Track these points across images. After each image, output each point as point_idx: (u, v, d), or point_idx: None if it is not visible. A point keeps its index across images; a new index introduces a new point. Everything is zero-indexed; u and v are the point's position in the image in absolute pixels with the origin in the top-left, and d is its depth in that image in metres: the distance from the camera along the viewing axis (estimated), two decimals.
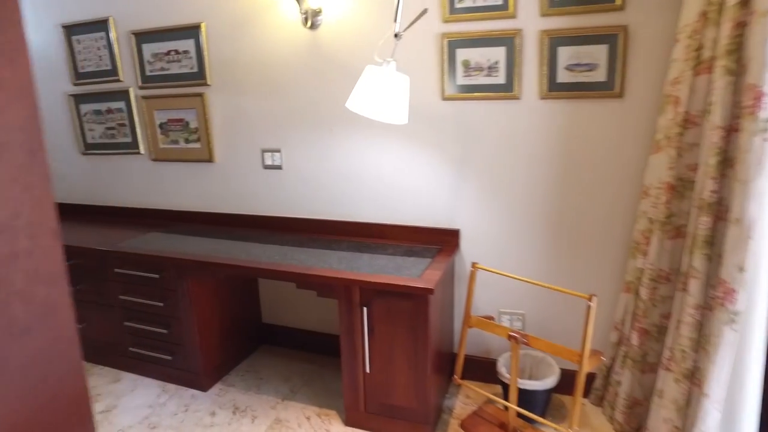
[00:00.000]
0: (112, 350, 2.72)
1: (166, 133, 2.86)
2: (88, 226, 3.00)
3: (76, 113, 3.10)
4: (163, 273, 2.40)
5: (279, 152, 2.62)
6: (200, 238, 2.63)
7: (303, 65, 2.44)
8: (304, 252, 2.31)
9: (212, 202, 2.88)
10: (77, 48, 2.97)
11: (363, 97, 1.79)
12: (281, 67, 2.49)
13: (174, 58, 2.70)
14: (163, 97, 2.80)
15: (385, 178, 2.42)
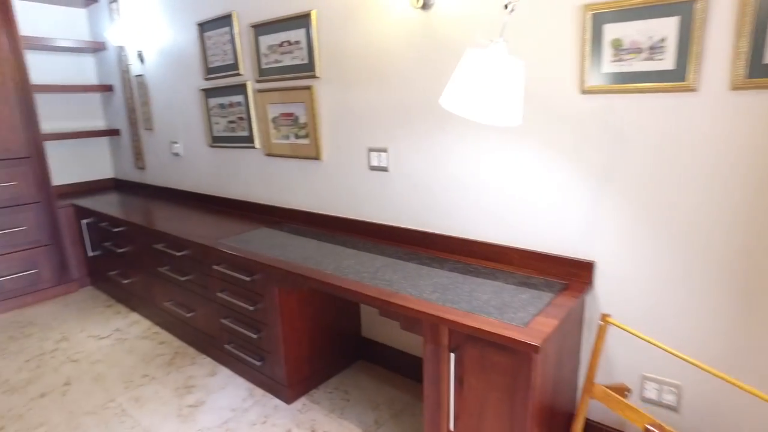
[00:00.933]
0: (212, 343, 2.72)
1: (278, 127, 2.76)
2: (208, 216, 3.06)
3: (206, 107, 3.18)
4: (254, 276, 2.28)
5: (385, 152, 2.32)
6: (303, 239, 2.47)
7: (413, 53, 2.10)
8: (399, 270, 1.98)
9: (318, 203, 2.70)
10: (208, 44, 3.02)
11: (460, 90, 1.38)
12: (389, 55, 2.18)
13: (286, 49, 2.56)
14: (276, 90, 2.69)
15: (505, 189, 1.97)
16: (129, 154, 4.14)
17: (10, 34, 3.30)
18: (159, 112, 3.64)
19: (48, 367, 2.76)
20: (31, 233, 3.53)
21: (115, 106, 4.12)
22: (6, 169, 3.37)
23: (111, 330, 3.17)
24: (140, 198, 3.83)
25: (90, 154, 4.29)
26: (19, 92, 3.38)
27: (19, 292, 3.53)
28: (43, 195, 3.56)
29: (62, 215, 3.69)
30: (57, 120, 4.05)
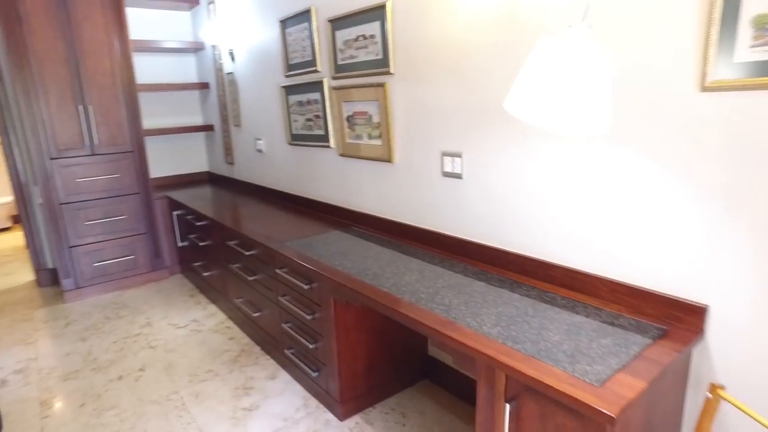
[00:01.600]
0: (275, 346, 2.67)
1: (353, 127, 2.63)
2: (286, 215, 3.03)
3: (286, 104, 3.15)
4: (312, 284, 2.17)
5: (459, 157, 2.08)
6: (369, 246, 2.33)
7: (492, 45, 1.83)
8: (462, 292, 1.74)
9: (387, 208, 2.53)
10: (289, 40, 2.98)
11: (528, 90, 1.11)
12: (466, 48, 1.93)
13: (361, 44, 2.41)
14: (351, 87, 2.55)
15: (596, 207, 1.64)
16: (220, 149, 4.29)
17: (122, 39, 3.54)
18: (246, 108, 3.71)
19: (129, 351, 2.90)
20: (131, 222, 3.78)
21: (211, 102, 4.29)
22: (112, 162, 3.63)
23: (189, 320, 3.28)
24: (228, 192, 3.94)
25: (188, 148, 4.52)
26: (126, 92, 3.62)
27: (119, 276, 3.80)
28: (142, 187, 3.80)
29: (158, 206, 3.91)
30: (160, 116, 4.31)
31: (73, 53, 3.38)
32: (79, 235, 3.58)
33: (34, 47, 3.25)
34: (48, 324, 3.32)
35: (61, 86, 3.37)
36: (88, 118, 3.49)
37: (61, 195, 3.47)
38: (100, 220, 3.64)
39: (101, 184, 3.61)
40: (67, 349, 2.95)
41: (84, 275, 3.65)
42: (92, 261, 3.66)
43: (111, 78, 3.54)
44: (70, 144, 3.46)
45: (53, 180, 3.43)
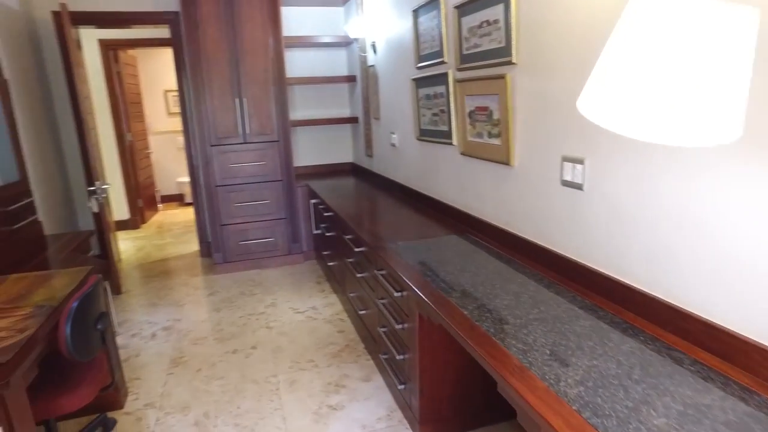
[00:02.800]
0: (375, 348, 2.59)
1: (474, 123, 2.38)
2: (408, 214, 2.93)
3: (416, 97, 3.02)
4: (403, 293, 2.01)
5: (581, 164, 1.71)
6: (479, 256, 2.09)
7: None
8: (557, 329, 1.42)
9: (504, 216, 2.24)
10: (420, 30, 2.83)
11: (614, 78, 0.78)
12: (596, 32, 1.56)
13: (485, 30, 2.15)
14: (473, 80, 2.31)
15: (758, 241, 1.18)
16: (363, 141, 4.36)
17: (276, 37, 3.79)
18: (384, 101, 3.68)
19: (249, 327, 3.11)
20: (273, 207, 4.07)
21: (356, 95, 4.38)
22: (260, 150, 3.94)
23: (308, 306, 3.39)
24: (364, 185, 3.99)
25: (335, 139, 4.71)
26: (277, 86, 3.88)
27: (259, 255, 4.14)
28: (285, 174, 4.05)
29: (299, 194, 4.14)
30: (311, 108, 4.55)
31: (234, 52, 3.73)
32: (229, 215, 3.97)
33: (205, 48, 3.67)
34: (197, 291, 3.75)
35: (222, 82, 3.75)
36: (243, 110, 3.83)
37: (217, 178, 3.89)
38: (247, 203, 3.99)
39: (250, 170, 3.95)
40: (203, 317, 3.29)
41: (231, 251, 4.05)
42: (238, 239, 4.04)
43: (264, 73, 3.83)
44: (226, 133, 3.84)
45: (212, 164, 3.86)
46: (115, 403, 2.32)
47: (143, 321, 3.26)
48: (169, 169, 7.32)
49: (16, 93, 3.39)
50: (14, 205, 2.44)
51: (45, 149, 3.78)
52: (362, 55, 3.97)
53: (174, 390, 2.47)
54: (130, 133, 5.74)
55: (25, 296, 1.86)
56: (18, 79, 3.45)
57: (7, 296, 1.87)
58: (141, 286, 3.92)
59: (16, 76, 3.44)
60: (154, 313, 3.38)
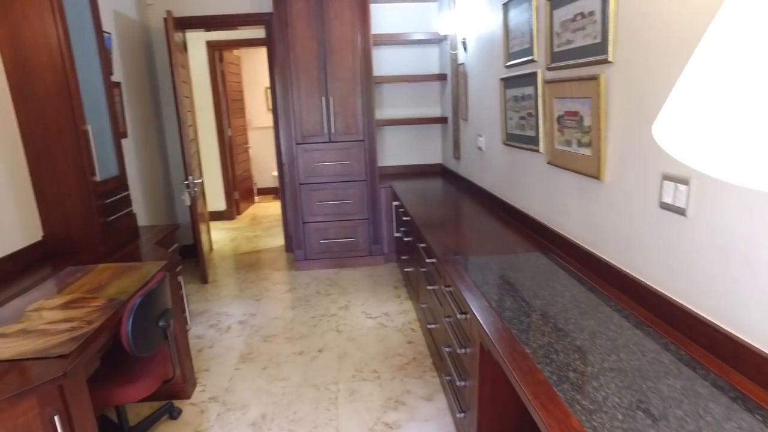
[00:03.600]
0: (441, 366, 2.44)
1: (563, 130, 2.13)
2: (488, 223, 2.73)
3: (503, 99, 2.79)
4: (466, 316, 1.84)
5: (686, 185, 1.41)
6: (559, 279, 1.86)
7: None
8: (635, 387, 1.18)
9: (591, 236, 1.97)
10: (510, 26, 2.60)
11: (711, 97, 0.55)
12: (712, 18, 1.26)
13: (579, 24, 1.89)
14: (563, 81, 2.05)
15: None
16: (450, 142, 4.18)
17: (364, 35, 3.74)
18: (472, 102, 3.47)
19: (319, 329, 3.10)
20: (355, 206, 4.04)
21: (446, 94, 4.20)
22: (345, 149, 3.93)
23: (381, 312, 3.31)
24: (450, 188, 3.82)
25: (424, 139, 4.57)
26: (363, 84, 3.83)
27: (340, 255, 4.14)
28: (369, 174, 4.00)
29: (382, 194, 4.07)
30: (401, 106, 4.45)
31: (322, 51, 3.74)
32: (311, 213, 4.02)
33: (294, 47, 3.72)
34: (276, 286, 3.84)
35: (310, 80, 3.78)
36: (329, 109, 3.83)
37: (301, 176, 3.94)
38: (330, 202, 4.00)
39: (333, 169, 3.95)
40: (277, 314, 3.35)
41: (312, 249, 4.10)
42: (320, 237, 4.07)
43: (351, 72, 3.80)
44: (312, 131, 3.88)
45: (297, 162, 3.92)
46: (182, 392, 2.41)
47: (221, 313, 3.40)
48: (266, 163, 7.67)
49: (128, 94, 3.69)
50: (112, 198, 2.63)
51: (150, 145, 4.09)
52: (452, 52, 3.79)
53: (238, 386, 2.51)
54: (230, 129, 6.08)
55: (103, 287, 1.97)
56: (130, 82, 3.76)
57: (89, 286, 2.00)
58: (226, 277, 4.11)
59: (129, 78, 3.74)
60: (233, 306, 3.51)
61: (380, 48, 4.30)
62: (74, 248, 2.50)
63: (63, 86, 2.32)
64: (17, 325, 1.66)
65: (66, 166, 2.41)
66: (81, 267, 2.24)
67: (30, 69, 2.31)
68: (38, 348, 1.50)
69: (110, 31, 3.43)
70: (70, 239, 2.50)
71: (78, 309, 1.78)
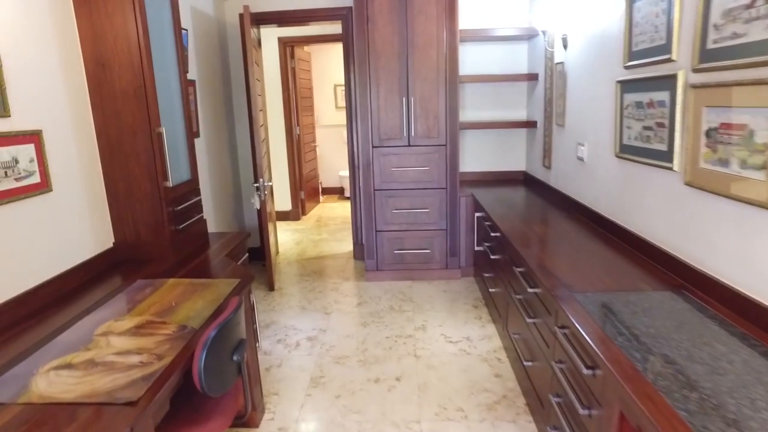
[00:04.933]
0: (540, 411, 2.10)
1: (714, 145, 1.73)
2: (597, 247, 2.36)
3: (619, 104, 2.40)
4: (596, 371, 1.50)
5: None
6: (714, 332, 1.48)
7: None
8: None
9: (753, 280, 1.57)
10: (635, 19, 2.20)
11: None
12: None
13: (757, 13, 1.49)
14: (725, 85, 1.65)
15: None
16: (539, 149, 3.79)
17: (451, 31, 3.43)
18: (572, 106, 3.08)
19: (395, 352, 2.83)
20: (433, 216, 3.74)
21: (536, 96, 3.81)
22: (425, 154, 3.63)
23: (462, 336, 3.00)
24: (538, 200, 3.44)
25: (507, 144, 4.20)
26: (448, 84, 3.52)
27: (413, 266, 3.86)
28: (449, 182, 3.68)
29: (462, 204, 3.75)
30: (482, 109, 4.11)
31: (404, 47, 3.46)
32: (386, 221, 3.75)
33: (375, 43, 3.46)
34: (346, 298, 3.62)
35: (390, 79, 3.51)
36: (410, 110, 3.55)
37: (377, 181, 3.69)
38: (406, 210, 3.73)
39: (411, 176, 3.67)
40: (349, 330, 3.11)
41: (384, 259, 3.84)
42: (393, 247, 3.81)
43: (435, 71, 3.49)
44: (390, 134, 3.61)
45: (373, 167, 3.66)
46: (251, 421, 2.21)
47: (290, 326, 3.21)
48: (332, 162, 7.52)
49: (202, 92, 3.57)
50: (183, 204, 2.48)
51: (221, 145, 3.98)
52: (549, 50, 3.40)
53: (309, 416, 2.29)
54: (298, 127, 5.94)
55: (173, 310, 1.79)
56: (205, 79, 3.64)
57: (159, 306, 1.82)
58: (293, 284, 3.93)
59: (204, 76, 3.62)
60: (302, 319, 3.31)
61: (463, 45, 3.97)
62: (144, 257, 2.36)
63: (139, 85, 2.18)
64: (85, 353, 1.50)
65: (139, 171, 2.27)
66: (150, 281, 2.08)
67: (109, 67, 2.18)
68: (105, 389, 1.31)
69: (187, 27, 3.31)
70: (140, 248, 2.36)
71: (148, 336, 1.59)
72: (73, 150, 2.11)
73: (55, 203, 2.01)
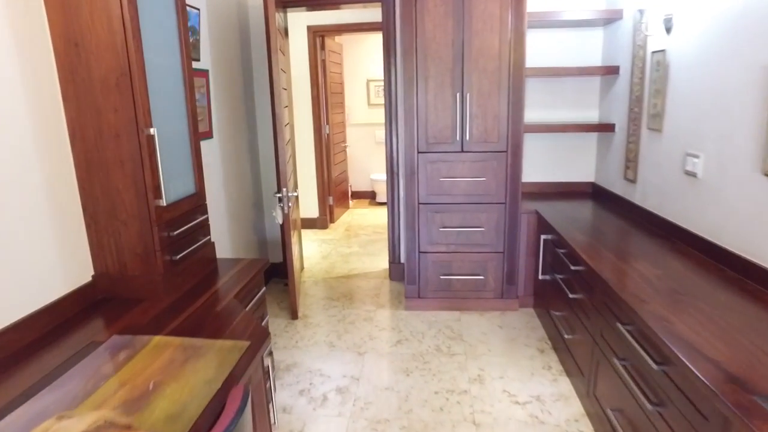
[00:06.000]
0: None
1: None
2: (735, 300, 1.71)
3: None
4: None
5: None
6: None
7: None
8: None
9: None
10: None
11: None
12: None
13: None
14: None
15: None
16: (619, 158, 3.12)
17: (518, 13, 2.80)
18: (677, 105, 2.41)
19: (448, 416, 2.22)
20: (488, 236, 3.12)
21: (616, 93, 3.13)
22: (480, 162, 3.01)
23: (531, 395, 2.37)
24: (618, 222, 2.78)
25: (571, 151, 3.53)
26: (512, 78, 2.88)
27: (462, 294, 3.24)
28: (510, 196, 3.05)
29: (524, 222, 3.11)
30: (540, 108, 3.46)
31: (459, 32, 2.84)
32: (431, 240, 3.14)
33: (423, 29, 2.85)
34: (382, 333, 3.02)
35: (441, 71, 2.90)
36: (464, 109, 2.93)
37: (422, 193, 3.08)
38: (456, 229, 3.11)
39: (464, 187, 3.05)
40: (388, 380, 2.52)
41: (428, 285, 3.23)
42: (439, 272, 3.20)
43: (496, 61, 2.86)
44: (440, 137, 3.00)
45: (417, 176, 3.06)
46: None
47: (315, 371, 2.63)
48: (363, 164, 6.94)
49: (216, 85, 3.02)
50: (183, 227, 1.92)
51: (239, 147, 3.43)
52: (644, 34, 2.72)
53: None
54: (328, 125, 5.38)
55: (149, 398, 1.21)
56: (220, 70, 3.09)
57: (131, 389, 1.25)
58: (320, 311, 3.36)
59: (219, 66, 3.07)
60: (330, 360, 2.73)
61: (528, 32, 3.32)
62: (131, 294, 1.81)
63: (123, 73, 1.62)
64: None
65: (123, 184, 1.72)
66: (129, 339, 1.52)
67: (84, 47, 1.62)
68: None
69: (199, 6, 2.76)
70: (125, 282, 1.81)
71: None
72: (34, 157, 1.57)
73: (9, 227, 1.47)
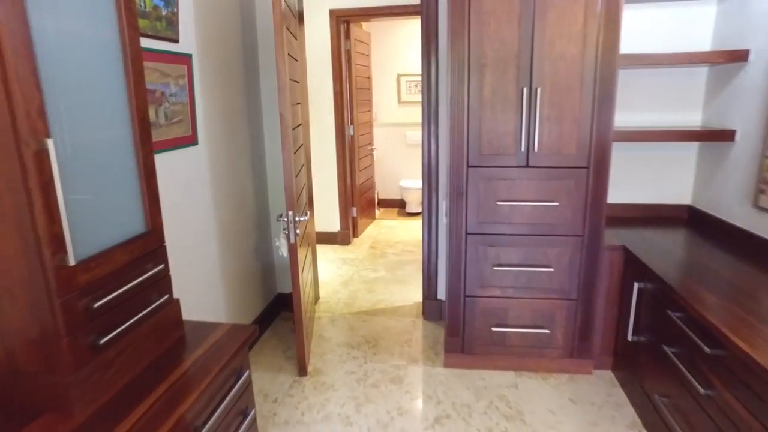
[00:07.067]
0: None
1: None
2: None
3: None
4: None
5: None
6: None
7: None
8: None
9: None
10: None
11: None
12: None
13: None
14: None
15: None
16: (741, 177, 2.31)
17: None
18: None
19: None
20: (558, 278, 2.36)
21: (741, 88, 2.33)
22: (553, 181, 2.25)
23: None
24: (751, 269, 1.98)
25: (662, 165, 2.74)
26: (600, 66, 2.11)
27: (521, 351, 2.49)
28: (590, 227, 2.28)
29: (605, 260, 2.34)
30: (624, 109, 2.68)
31: (527, 9, 2.09)
32: (482, 282, 2.40)
33: (479, 6, 2.11)
34: (413, 401, 2.30)
35: (502, 58, 2.15)
36: (532, 108, 2.18)
37: (471, 219, 2.34)
38: (515, 268, 2.36)
39: (528, 214, 2.30)
40: None
41: (475, 338, 2.49)
42: (490, 322, 2.45)
43: (579, 45, 2.10)
44: (498, 147, 2.25)
45: (466, 196, 2.32)
46: None
47: None
48: (392, 169, 6.22)
49: (203, 75, 2.34)
50: (115, 291, 1.23)
51: (236, 156, 2.75)
52: None
53: None
54: (352, 126, 4.68)
55: None
56: (209, 55, 2.41)
57: None
58: (336, 363, 2.65)
59: (208, 50, 2.39)
60: None
61: None
62: (28, 402, 1.14)
63: None
64: None
65: (2, 232, 1.05)
66: None
67: None
68: None
69: None
70: (15, 384, 1.15)
71: None
72: None
73: None
